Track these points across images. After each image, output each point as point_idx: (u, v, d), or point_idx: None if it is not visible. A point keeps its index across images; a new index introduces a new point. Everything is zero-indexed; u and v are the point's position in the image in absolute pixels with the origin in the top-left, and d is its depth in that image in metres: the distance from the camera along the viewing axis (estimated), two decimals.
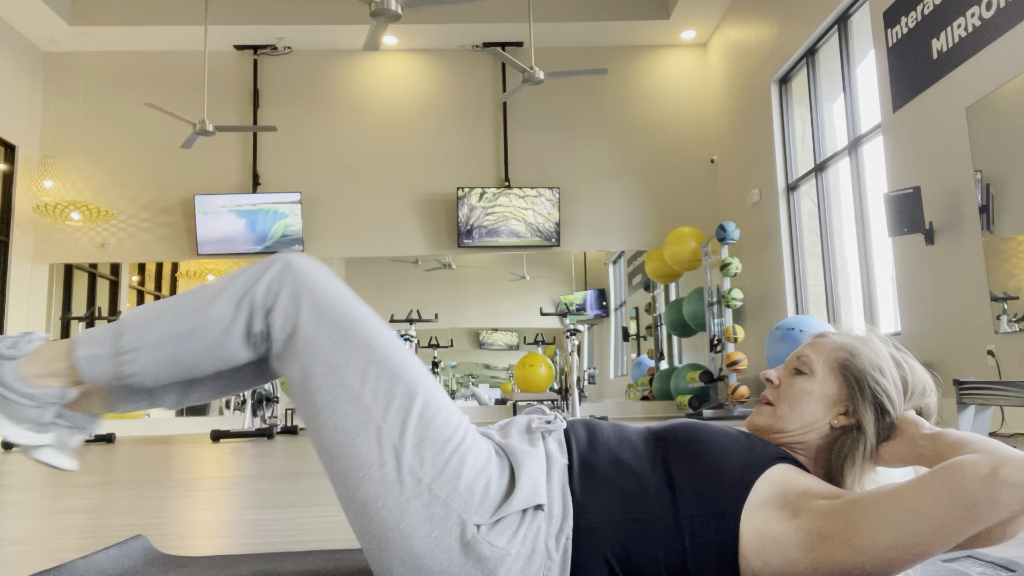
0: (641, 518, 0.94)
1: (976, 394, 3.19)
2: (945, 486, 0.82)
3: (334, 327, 0.97)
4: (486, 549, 0.90)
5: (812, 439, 1.03)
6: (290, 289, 0.98)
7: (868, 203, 5.83)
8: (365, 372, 0.95)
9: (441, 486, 0.92)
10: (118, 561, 1.28)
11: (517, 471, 0.96)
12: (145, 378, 0.99)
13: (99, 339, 0.99)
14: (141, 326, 0.99)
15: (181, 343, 0.98)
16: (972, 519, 0.80)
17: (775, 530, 0.90)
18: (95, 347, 0.99)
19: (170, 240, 8.32)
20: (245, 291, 0.98)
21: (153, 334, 0.98)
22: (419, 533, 0.91)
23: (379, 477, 0.92)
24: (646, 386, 8.70)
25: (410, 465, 0.92)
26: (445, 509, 0.91)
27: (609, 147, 8.73)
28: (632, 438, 1.04)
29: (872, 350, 1.04)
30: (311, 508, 2.01)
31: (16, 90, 7.95)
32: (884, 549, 0.83)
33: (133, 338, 0.98)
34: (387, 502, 0.92)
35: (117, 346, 0.98)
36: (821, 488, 0.94)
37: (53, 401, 1.00)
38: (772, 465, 0.96)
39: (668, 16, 8.30)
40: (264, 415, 6.61)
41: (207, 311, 0.98)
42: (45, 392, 1.00)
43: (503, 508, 0.92)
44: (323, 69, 8.69)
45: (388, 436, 0.93)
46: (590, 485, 0.97)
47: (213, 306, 0.98)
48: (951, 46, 4.51)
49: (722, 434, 1.00)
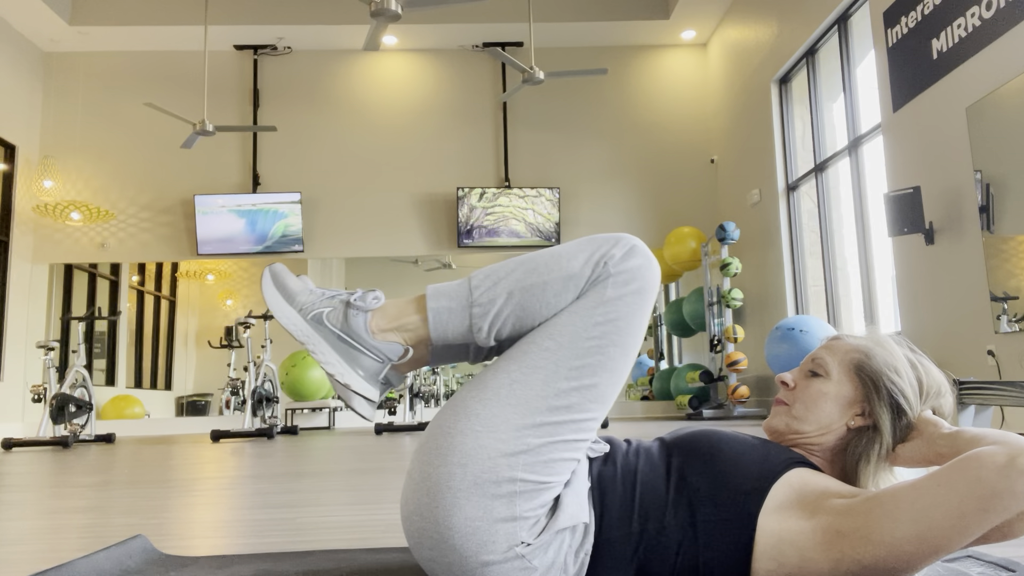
0: (657, 527, 0.94)
1: (976, 394, 3.19)
2: (962, 477, 0.82)
3: (616, 318, 0.97)
4: (519, 563, 0.91)
5: (828, 441, 1.03)
6: (638, 263, 0.98)
7: (868, 203, 5.83)
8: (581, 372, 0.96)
9: (522, 499, 0.91)
10: (118, 561, 1.28)
11: (563, 488, 0.96)
12: (491, 331, 1.01)
13: (453, 293, 1.01)
14: (496, 279, 1.00)
15: (533, 294, 0.99)
16: (990, 510, 0.80)
17: (792, 531, 0.90)
18: (448, 299, 1.01)
19: (170, 240, 8.33)
20: (605, 252, 0.99)
21: (507, 285, 0.99)
22: (469, 513, 0.90)
23: (489, 444, 0.92)
24: (646, 386, 8.71)
25: (517, 463, 0.92)
26: (508, 513, 0.91)
27: (609, 147, 8.73)
28: (647, 448, 1.05)
29: (887, 351, 1.04)
30: (311, 508, 2.01)
31: (16, 90, 7.95)
32: (903, 543, 0.83)
33: (488, 291, 1.00)
34: (470, 463, 0.91)
35: (472, 298, 1.00)
36: (839, 488, 0.94)
37: (393, 356, 1.04)
38: (788, 470, 0.96)
39: (668, 16, 8.30)
40: (264, 415, 6.61)
41: (565, 267, 0.99)
42: (389, 347, 1.03)
43: (549, 527, 0.92)
44: (323, 69, 8.69)
45: (531, 431, 0.93)
46: (609, 499, 0.97)
47: (571, 262, 0.99)
48: (951, 46, 4.51)
49: (737, 441, 1.00)
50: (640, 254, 0.99)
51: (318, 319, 1.05)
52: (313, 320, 1.05)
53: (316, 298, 1.06)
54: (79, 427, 6.07)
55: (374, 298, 1.05)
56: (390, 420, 7.62)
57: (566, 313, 0.98)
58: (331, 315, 1.05)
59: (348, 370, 1.03)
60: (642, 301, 0.98)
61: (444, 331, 1.01)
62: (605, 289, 0.97)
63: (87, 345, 6.42)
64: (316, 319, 1.05)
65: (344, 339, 1.03)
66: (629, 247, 0.99)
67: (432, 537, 0.92)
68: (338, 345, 1.04)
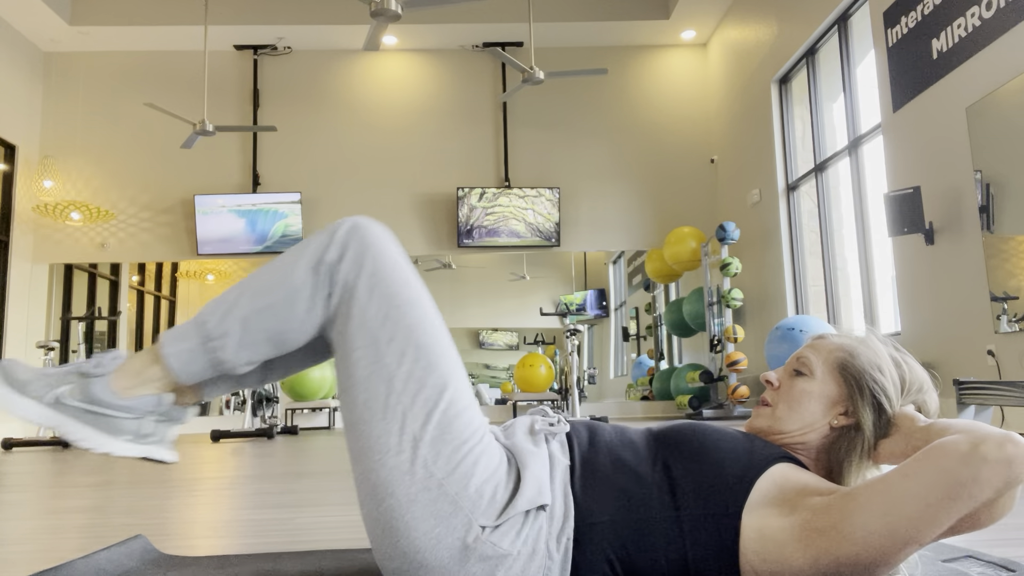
0: (642, 518, 0.94)
1: (976, 394, 3.19)
2: (927, 468, 0.82)
3: (385, 300, 0.97)
4: (488, 549, 0.90)
5: (812, 439, 1.03)
6: (355, 250, 0.98)
7: (868, 203, 5.83)
8: (403, 354, 0.95)
9: (452, 484, 0.92)
10: (118, 561, 1.28)
11: (522, 472, 0.96)
12: (238, 361, 1.00)
13: (184, 334, 1.00)
14: (224, 311, 0.99)
15: (267, 318, 0.98)
16: (956, 498, 0.80)
17: (773, 528, 0.90)
18: (182, 342, 0.99)
19: (170, 240, 8.33)
20: (320, 253, 0.98)
21: (238, 313, 0.98)
22: (423, 527, 0.91)
23: (393, 464, 0.92)
24: (646, 386, 8.71)
25: (425, 457, 0.92)
26: (452, 507, 0.91)
27: (609, 147, 8.73)
28: (633, 439, 1.04)
29: (871, 350, 1.04)
30: (311, 508, 2.01)
31: (16, 90, 7.95)
32: (874, 536, 0.83)
33: (219, 323, 0.98)
34: (396, 490, 0.92)
35: (204, 334, 0.99)
36: (819, 485, 0.94)
37: (150, 409, 1.02)
38: (773, 465, 0.96)
39: (668, 16, 8.30)
40: (264, 415, 6.61)
41: (288, 281, 0.98)
42: (141, 401, 1.01)
43: (508, 510, 0.92)
44: (323, 69, 8.69)
45: (410, 424, 0.93)
46: (591, 485, 0.97)
47: (293, 274, 0.98)
48: (951, 46, 4.51)
49: (723, 435, 1.01)
50: (347, 235, 0.99)
51: (57, 401, 1.00)
52: (55, 404, 1.00)
53: (51, 379, 1.02)
54: None
55: (112, 358, 1.03)
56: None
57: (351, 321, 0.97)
58: (72, 392, 1.01)
59: (107, 439, 1.00)
60: (383, 264, 0.98)
61: (191, 373, 1.00)
62: (354, 300, 0.97)
63: (87, 345, 6.42)
64: (55, 401, 1.00)
65: (91, 411, 1.00)
66: (338, 239, 0.99)
67: (411, 568, 0.93)
68: (88, 419, 1.01)
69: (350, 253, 0.98)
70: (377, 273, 0.98)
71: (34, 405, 1.00)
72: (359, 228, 1.00)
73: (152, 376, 1.02)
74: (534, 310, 8.74)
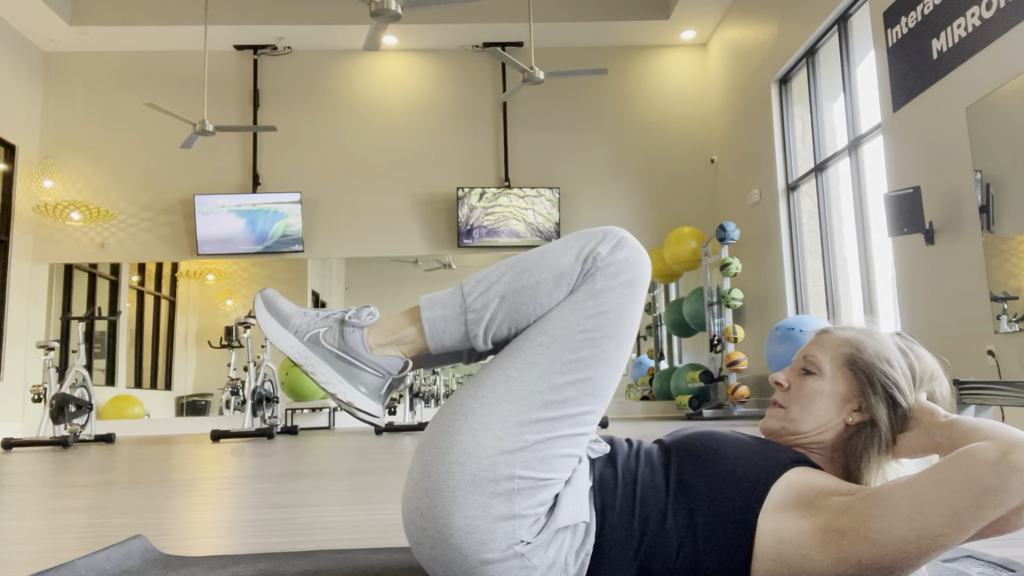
0: (657, 529, 0.94)
1: (976, 394, 3.19)
2: (955, 474, 0.82)
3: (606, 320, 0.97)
4: (518, 562, 0.91)
5: (827, 439, 1.03)
6: (627, 255, 0.99)
7: (868, 203, 5.83)
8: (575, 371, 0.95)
9: (521, 497, 0.91)
10: (118, 561, 1.28)
11: (563, 486, 0.95)
12: (485, 336, 1.01)
13: (445, 301, 1.02)
14: (488, 284, 1.00)
15: (526, 295, 0.99)
16: (984, 506, 0.80)
17: (792, 531, 0.89)
18: (442, 308, 1.01)
19: (170, 240, 8.33)
20: (594, 244, 0.99)
21: (499, 288, 1.00)
22: (468, 511, 0.90)
23: (486, 442, 0.92)
24: (646, 386, 8.71)
25: (519, 460, 0.92)
26: (508, 513, 0.91)
27: (609, 147, 8.73)
28: (649, 449, 1.04)
29: (877, 342, 1.03)
30: (311, 508, 2.01)
31: (16, 90, 7.95)
32: (901, 542, 0.83)
33: (481, 296, 1.00)
34: (468, 462, 0.91)
35: (465, 304, 1.00)
36: (838, 486, 0.94)
37: (393, 370, 1.04)
38: (788, 469, 0.96)
39: (668, 16, 8.30)
40: (264, 415, 6.61)
41: (556, 265, 0.99)
42: (388, 361, 1.03)
43: (549, 525, 0.92)
44: (323, 69, 8.69)
45: (530, 428, 0.93)
46: (610, 500, 0.97)
47: (561, 259, 0.99)
48: (951, 46, 4.51)
49: (736, 442, 1.00)
50: (629, 245, 1.00)
51: (315, 340, 1.05)
52: (310, 341, 1.05)
53: (311, 319, 1.06)
54: (79, 427, 6.07)
55: (368, 314, 1.05)
56: (390, 420, 7.61)
57: (558, 308, 0.98)
58: (327, 335, 1.04)
59: (350, 388, 1.03)
60: (633, 291, 0.99)
61: (441, 340, 1.02)
62: (595, 282, 0.98)
63: (87, 345, 6.42)
64: (313, 340, 1.05)
65: (343, 357, 1.04)
66: (617, 239, 0.99)
67: (432, 536, 0.92)
68: (337, 364, 1.04)
69: (624, 252, 0.99)
70: (627, 284, 0.98)
71: (293, 339, 1.05)
72: (637, 245, 1.01)
73: (405, 337, 1.04)
74: None
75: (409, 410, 6.75)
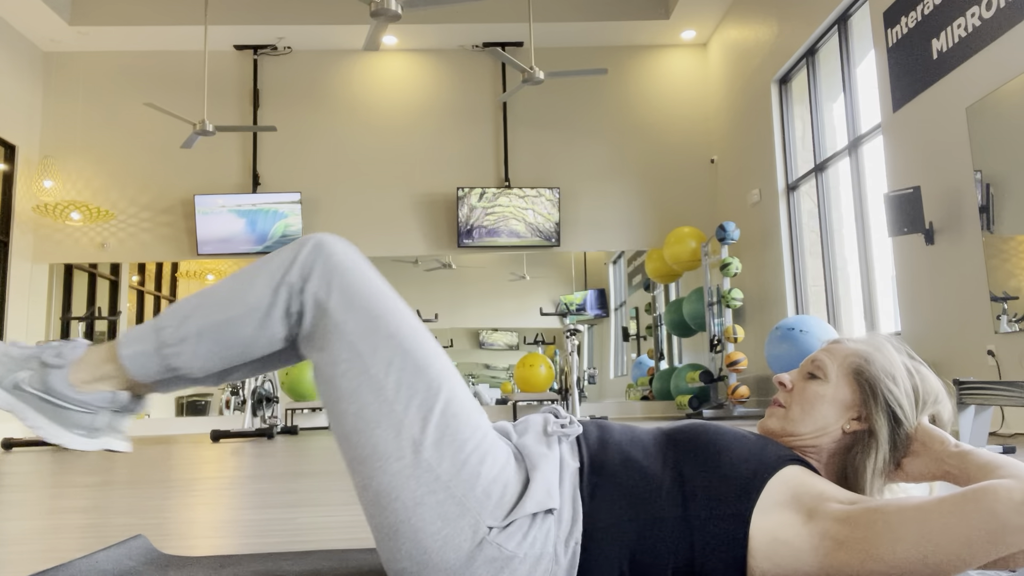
0: (650, 518, 0.93)
1: (976, 394, 3.19)
2: (975, 508, 0.82)
3: (363, 314, 0.96)
4: (494, 551, 0.90)
5: (824, 443, 1.03)
6: (321, 270, 0.98)
7: (868, 203, 5.83)
8: (390, 363, 0.95)
9: (458, 485, 0.91)
10: (118, 561, 1.28)
11: (531, 474, 0.95)
12: (192, 369, 1.00)
13: (141, 336, 1.00)
14: (182, 318, 0.99)
15: (223, 331, 0.98)
16: (999, 543, 0.80)
17: (788, 533, 0.89)
18: (138, 344, 1.00)
19: (170, 240, 8.33)
20: (281, 274, 0.98)
21: (194, 324, 0.98)
22: (430, 529, 0.90)
23: (396, 469, 0.92)
24: (646, 386, 8.71)
25: (428, 460, 0.92)
26: (459, 508, 0.91)
27: (609, 147, 8.73)
28: (643, 438, 1.04)
29: (886, 357, 1.04)
30: (311, 508, 2.01)
31: (16, 90, 7.95)
32: (904, 563, 0.83)
33: (175, 331, 0.99)
34: (401, 494, 0.91)
35: (160, 340, 0.99)
36: (836, 492, 0.94)
37: (104, 405, 1.02)
38: (784, 467, 0.96)
39: (668, 16, 8.30)
40: (264, 415, 6.61)
41: (245, 297, 0.98)
42: (96, 397, 1.01)
43: (516, 511, 0.92)
44: (323, 69, 8.69)
45: (408, 430, 0.93)
46: (600, 487, 0.97)
47: (251, 291, 0.98)
48: (951, 46, 4.51)
49: (734, 435, 1.00)
50: (315, 252, 0.98)
51: (16, 386, 1.00)
52: (15, 389, 1.01)
53: (14, 363, 1.01)
54: None
55: (72, 348, 1.02)
56: None
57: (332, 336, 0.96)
58: (31, 379, 1.01)
59: (60, 431, 1.01)
60: (352, 279, 0.98)
61: (147, 374, 1.00)
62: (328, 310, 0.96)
63: None
64: (15, 387, 1.00)
65: (48, 400, 1.00)
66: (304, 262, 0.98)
67: (417, 569, 0.92)
68: (44, 408, 1.01)
69: (317, 272, 0.98)
70: (348, 288, 0.97)
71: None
72: (323, 246, 0.99)
73: (109, 373, 1.02)
74: (534, 310, 8.73)
75: None
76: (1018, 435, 3.95)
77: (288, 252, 1.00)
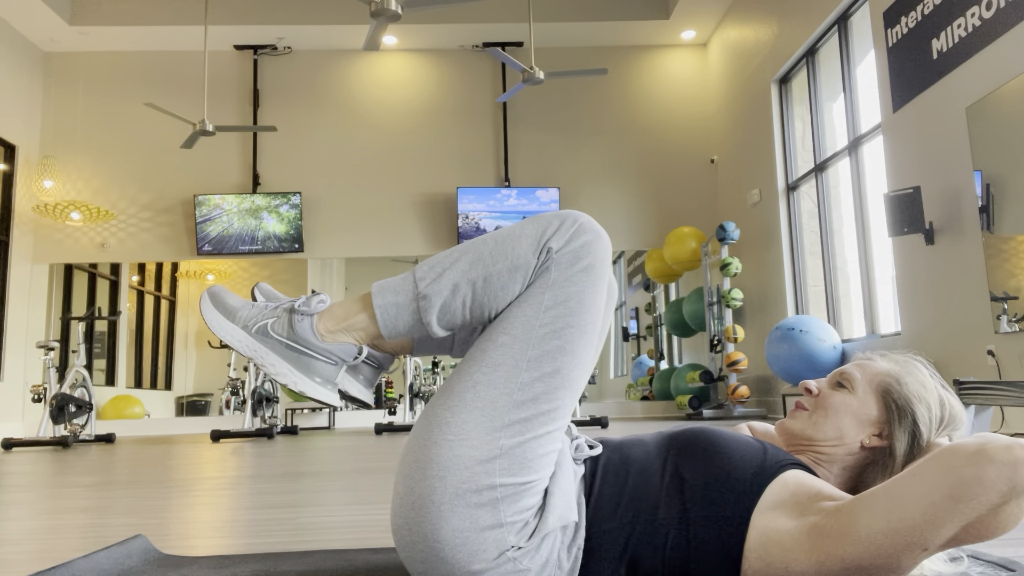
0: (649, 519, 0.94)
1: (976, 394, 3.19)
2: (933, 466, 0.82)
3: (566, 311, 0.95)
4: (510, 567, 0.90)
5: (839, 454, 1.04)
6: (584, 240, 0.96)
7: (868, 203, 5.83)
8: (540, 366, 0.93)
9: (506, 504, 0.90)
10: (118, 561, 1.28)
11: (550, 487, 0.95)
12: (440, 323, 0.99)
13: (396, 287, 1.00)
14: (440, 271, 0.98)
15: (480, 286, 0.97)
16: (959, 498, 0.79)
17: (779, 531, 0.89)
18: (392, 295, 0.99)
19: (170, 240, 8.33)
20: (543, 237, 0.97)
21: (452, 277, 0.97)
22: (456, 524, 0.90)
23: (462, 453, 0.90)
24: (646, 386, 8.70)
25: (498, 467, 0.90)
26: (495, 522, 0.90)
27: (609, 147, 8.73)
28: (644, 439, 1.05)
29: (919, 382, 1.05)
30: (311, 508, 2.01)
31: (16, 90, 7.95)
32: (877, 535, 0.82)
33: (432, 283, 0.98)
34: (448, 475, 0.90)
35: (416, 291, 0.98)
36: (831, 491, 0.94)
37: (347, 357, 1.02)
38: (784, 471, 0.96)
39: (668, 16, 8.30)
40: (264, 415, 6.61)
41: (511, 255, 0.97)
42: (340, 348, 1.02)
43: (539, 529, 0.91)
44: (323, 69, 8.69)
45: (505, 432, 0.91)
46: (601, 489, 0.97)
47: (516, 249, 0.97)
48: (951, 46, 4.51)
49: (736, 439, 1.00)
50: (586, 231, 0.97)
51: (263, 331, 1.02)
52: (258, 333, 1.03)
53: (259, 311, 1.04)
54: (79, 427, 6.07)
55: (319, 301, 1.03)
56: (390, 420, 7.63)
57: (517, 304, 0.96)
58: (276, 325, 1.02)
59: (302, 378, 1.02)
60: (592, 277, 0.97)
61: (395, 326, 1.00)
62: (550, 274, 0.96)
63: (87, 345, 6.42)
64: (261, 331, 1.03)
65: (292, 347, 1.02)
66: (574, 228, 0.97)
67: (423, 550, 0.92)
68: (287, 354, 1.02)
69: (581, 238, 0.96)
70: (585, 271, 0.96)
71: (240, 332, 1.03)
72: (595, 228, 0.98)
73: (356, 324, 1.02)
74: None
75: (409, 410, 6.75)
76: (1018, 435, 3.95)
77: (569, 217, 0.98)
